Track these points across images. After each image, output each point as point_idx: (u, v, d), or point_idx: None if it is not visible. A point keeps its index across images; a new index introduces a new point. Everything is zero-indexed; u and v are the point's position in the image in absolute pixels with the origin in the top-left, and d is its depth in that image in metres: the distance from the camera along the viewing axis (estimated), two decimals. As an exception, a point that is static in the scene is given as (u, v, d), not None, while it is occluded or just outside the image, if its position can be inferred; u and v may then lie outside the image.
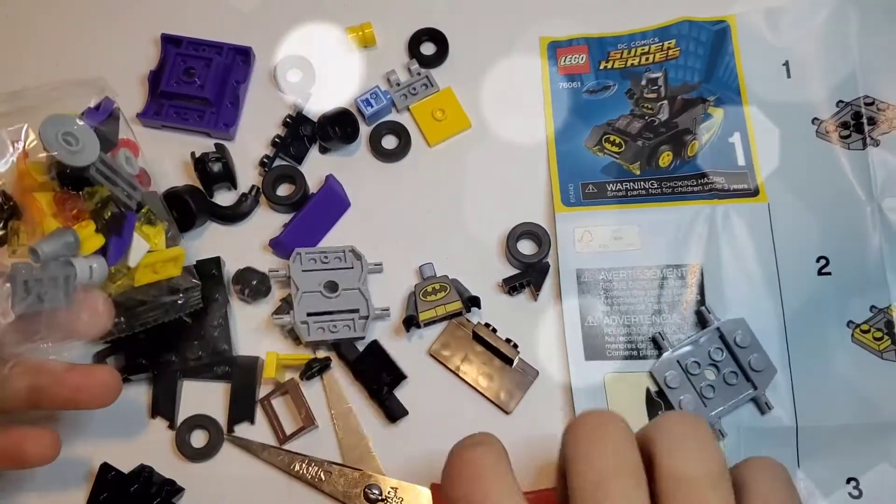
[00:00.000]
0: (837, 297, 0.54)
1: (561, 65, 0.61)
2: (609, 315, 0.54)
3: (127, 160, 0.48)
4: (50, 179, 0.44)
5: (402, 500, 0.51)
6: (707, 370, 0.53)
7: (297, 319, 0.53)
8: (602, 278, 0.55)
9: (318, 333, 0.53)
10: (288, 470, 0.52)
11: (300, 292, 0.54)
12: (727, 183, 0.56)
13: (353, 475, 0.52)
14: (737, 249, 0.55)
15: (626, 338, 0.54)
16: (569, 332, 0.54)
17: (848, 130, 0.57)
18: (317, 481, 0.52)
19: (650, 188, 0.57)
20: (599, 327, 0.54)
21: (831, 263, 0.55)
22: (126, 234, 0.46)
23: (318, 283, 0.54)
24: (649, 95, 0.59)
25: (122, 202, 0.46)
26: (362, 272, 0.55)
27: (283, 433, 0.53)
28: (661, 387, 0.52)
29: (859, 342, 0.53)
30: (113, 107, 0.49)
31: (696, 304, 0.54)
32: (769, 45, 0.60)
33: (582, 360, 0.54)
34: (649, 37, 0.61)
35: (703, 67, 0.59)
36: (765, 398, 0.52)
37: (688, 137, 0.58)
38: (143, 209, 0.48)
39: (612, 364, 0.53)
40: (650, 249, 0.55)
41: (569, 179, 0.58)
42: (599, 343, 0.54)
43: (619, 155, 0.58)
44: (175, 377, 0.54)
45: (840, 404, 0.52)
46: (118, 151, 0.48)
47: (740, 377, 0.52)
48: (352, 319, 0.54)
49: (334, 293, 0.54)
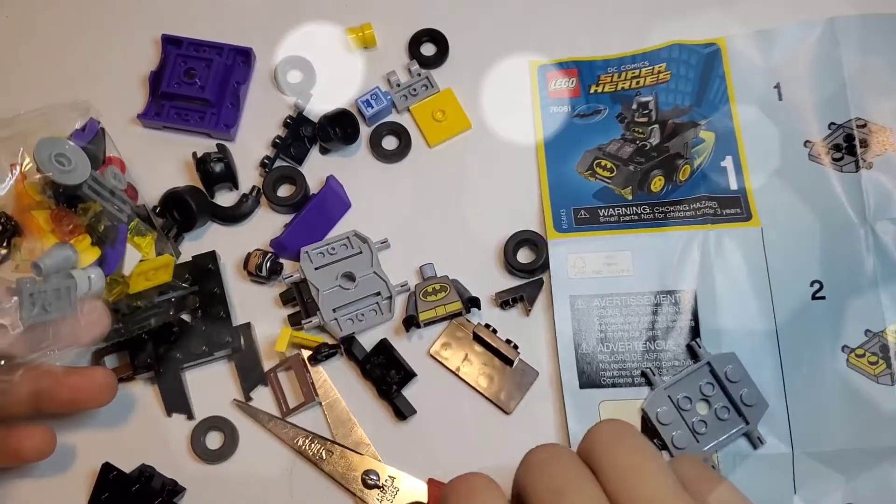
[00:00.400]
0: (832, 322, 0.54)
1: (551, 88, 0.61)
2: (603, 342, 0.54)
3: (115, 176, 0.51)
4: (46, 198, 0.47)
5: (398, 490, 0.51)
6: (699, 404, 0.52)
7: (325, 319, 0.54)
8: (596, 305, 0.55)
9: (349, 326, 0.54)
10: (292, 444, 0.53)
11: (321, 292, 0.54)
12: (720, 207, 0.56)
13: (353, 458, 0.52)
14: (730, 274, 0.55)
15: (621, 365, 0.53)
16: (563, 359, 0.54)
17: (840, 153, 0.57)
18: (318, 459, 0.52)
19: (643, 213, 0.56)
20: (593, 354, 0.54)
21: (825, 287, 0.54)
22: (119, 246, 0.50)
23: (334, 278, 0.55)
24: (640, 119, 0.59)
25: (114, 216, 0.50)
26: (372, 254, 0.55)
27: (286, 406, 0.54)
28: (653, 423, 0.52)
29: (854, 367, 0.53)
30: (98, 127, 0.52)
31: (689, 331, 0.54)
32: (760, 67, 0.60)
33: (576, 389, 0.53)
34: (639, 60, 0.61)
35: (693, 91, 0.59)
36: (757, 433, 0.51)
37: (679, 162, 0.57)
38: (134, 221, 0.51)
39: (607, 392, 0.53)
40: (643, 275, 0.55)
41: (561, 205, 0.57)
42: (594, 370, 0.53)
43: (610, 180, 0.58)
44: (177, 371, 0.54)
45: (836, 429, 0.52)
46: (106, 169, 0.51)
47: (732, 412, 0.52)
48: (376, 303, 0.55)
49: (353, 283, 0.55)
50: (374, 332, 0.56)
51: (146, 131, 0.61)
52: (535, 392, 0.54)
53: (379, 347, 0.54)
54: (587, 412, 0.53)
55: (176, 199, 0.56)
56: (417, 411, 0.54)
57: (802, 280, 0.54)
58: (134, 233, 0.51)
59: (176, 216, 0.57)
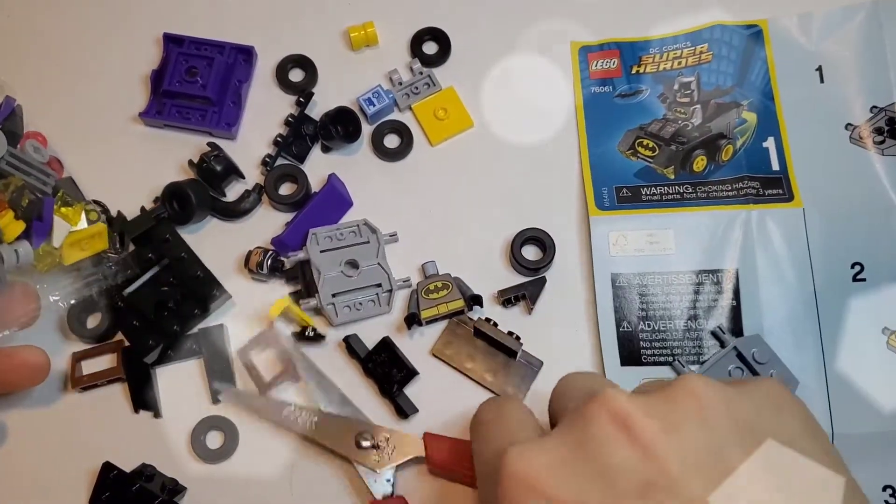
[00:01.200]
0: (872, 303, 0.53)
1: (592, 69, 0.61)
2: (644, 320, 0.54)
3: (35, 150, 0.52)
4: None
5: (394, 448, 0.51)
6: (729, 391, 0.52)
7: (323, 303, 0.54)
8: (637, 283, 0.55)
9: (346, 314, 0.54)
10: (279, 420, 0.52)
11: (322, 276, 0.54)
12: (762, 188, 0.56)
13: (343, 423, 0.51)
14: (772, 255, 0.55)
15: (662, 343, 0.54)
16: (604, 337, 0.54)
17: (882, 136, 0.57)
18: (308, 428, 0.51)
19: (685, 192, 0.56)
20: (635, 332, 0.54)
21: (866, 269, 0.54)
22: (46, 218, 0.51)
23: (338, 263, 0.55)
24: (682, 100, 0.59)
25: (38, 188, 0.51)
26: (379, 246, 0.55)
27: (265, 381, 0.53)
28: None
29: (895, 349, 0.53)
30: (14, 104, 0.55)
31: (731, 311, 0.54)
32: (802, 49, 0.60)
33: (617, 366, 0.53)
34: (681, 41, 0.61)
35: (735, 72, 0.59)
36: (791, 412, 0.51)
37: (722, 142, 0.57)
38: (59, 193, 0.52)
39: (649, 370, 0.53)
40: (685, 254, 0.55)
41: (602, 183, 0.57)
42: (635, 348, 0.54)
43: (652, 159, 0.58)
44: (146, 367, 0.54)
45: (876, 411, 0.52)
46: (25, 143, 0.53)
47: (763, 394, 0.52)
48: (376, 294, 0.55)
49: (356, 271, 0.55)
50: (376, 330, 0.55)
51: (147, 130, 0.61)
52: (542, 382, 0.54)
53: (381, 346, 0.54)
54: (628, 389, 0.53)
55: (177, 192, 0.56)
56: (423, 411, 0.53)
57: (843, 262, 0.54)
58: (60, 204, 0.52)
59: (176, 208, 0.56)
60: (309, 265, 0.55)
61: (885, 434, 0.51)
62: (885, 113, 0.57)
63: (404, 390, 0.54)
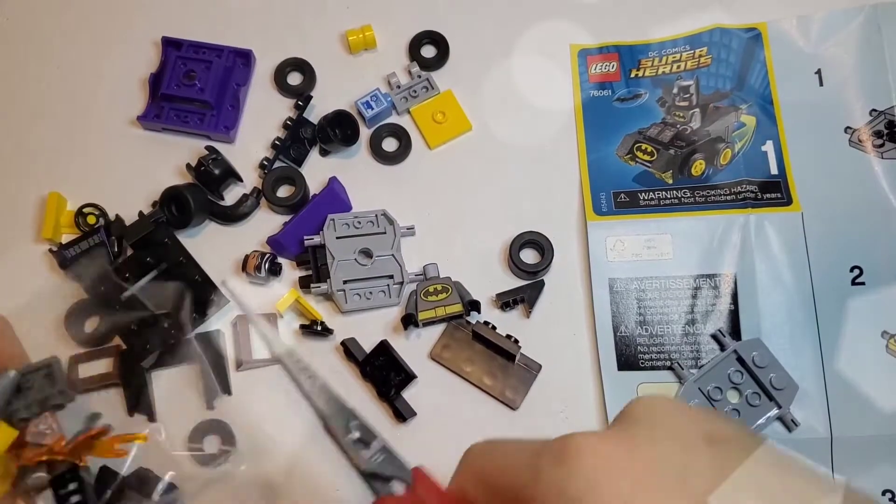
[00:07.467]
0: (871, 307, 0.53)
1: (591, 72, 0.61)
2: (642, 325, 0.54)
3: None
4: None
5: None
6: (729, 393, 0.52)
7: (333, 288, 0.54)
8: (635, 287, 0.55)
9: (355, 301, 0.54)
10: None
11: (336, 261, 0.54)
12: (760, 192, 0.56)
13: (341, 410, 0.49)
14: (770, 259, 0.55)
15: (660, 348, 0.54)
16: (601, 341, 0.54)
17: (881, 139, 0.57)
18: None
19: (683, 197, 0.56)
20: (632, 337, 0.54)
21: (865, 273, 0.54)
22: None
23: (352, 251, 0.55)
24: (681, 103, 0.59)
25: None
26: (395, 238, 0.56)
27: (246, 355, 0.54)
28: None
29: (894, 352, 0.53)
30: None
31: (729, 315, 0.54)
32: (801, 52, 0.59)
33: (614, 370, 0.53)
34: (680, 44, 0.60)
35: (734, 75, 0.59)
36: (790, 415, 0.51)
37: (720, 146, 0.57)
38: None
39: (646, 374, 0.53)
40: (683, 259, 0.55)
41: (600, 188, 0.57)
42: (632, 353, 0.54)
43: (650, 164, 0.58)
44: (143, 372, 0.54)
45: (875, 414, 0.51)
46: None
47: (763, 397, 0.52)
48: (386, 285, 0.55)
49: (370, 259, 0.55)
50: (374, 334, 0.55)
51: (146, 133, 0.61)
52: (540, 385, 0.54)
53: (378, 349, 0.54)
54: (625, 394, 0.53)
55: (175, 196, 0.56)
56: (421, 415, 0.53)
57: (842, 265, 0.54)
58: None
59: (174, 212, 0.57)
60: (322, 250, 0.55)
61: (885, 437, 0.51)
62: (884, 116, 0.57)
63: (402, 394, 0.54)
